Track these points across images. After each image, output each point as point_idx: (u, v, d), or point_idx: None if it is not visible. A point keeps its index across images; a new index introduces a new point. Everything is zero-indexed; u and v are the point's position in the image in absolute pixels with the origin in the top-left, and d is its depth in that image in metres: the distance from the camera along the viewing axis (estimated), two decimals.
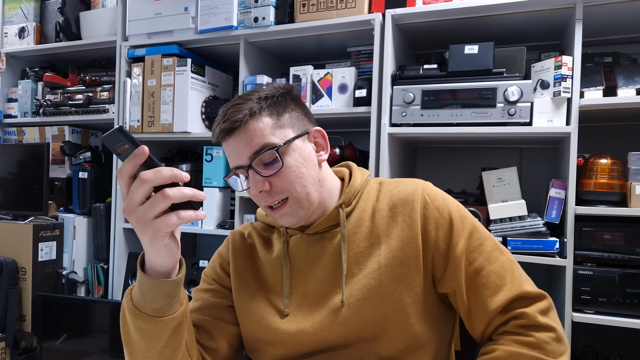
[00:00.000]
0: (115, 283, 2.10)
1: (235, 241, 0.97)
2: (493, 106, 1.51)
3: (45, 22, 2.42)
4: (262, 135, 0.81)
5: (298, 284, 0.89)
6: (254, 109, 0.82)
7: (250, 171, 0.82)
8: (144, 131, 2.03)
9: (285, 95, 0.87)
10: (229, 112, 0.82)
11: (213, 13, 1.88)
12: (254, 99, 0.83)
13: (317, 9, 1.74)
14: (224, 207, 2.01)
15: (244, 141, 0.81)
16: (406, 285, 0.82)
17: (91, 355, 1.95)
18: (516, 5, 1.52)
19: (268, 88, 0.86)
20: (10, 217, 2.25)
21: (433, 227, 0.84)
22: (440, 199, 0.86)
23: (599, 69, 1.53)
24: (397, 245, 0.84)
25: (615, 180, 1.45)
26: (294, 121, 0.86)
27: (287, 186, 0.83)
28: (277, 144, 0.81)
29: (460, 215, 0.85)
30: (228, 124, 0.81)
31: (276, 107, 0.84)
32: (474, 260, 0.82)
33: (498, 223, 1.57)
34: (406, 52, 1.88)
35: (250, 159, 0.81)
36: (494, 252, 0.83)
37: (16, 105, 2.45)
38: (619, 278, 1.40)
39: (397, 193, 0.88)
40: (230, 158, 0.85)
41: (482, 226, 0.86)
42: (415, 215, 0.84)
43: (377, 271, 0.83)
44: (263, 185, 0.82)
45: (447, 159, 2.01)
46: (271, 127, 0.82)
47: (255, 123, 0.81)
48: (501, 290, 0.80)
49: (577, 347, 1.67)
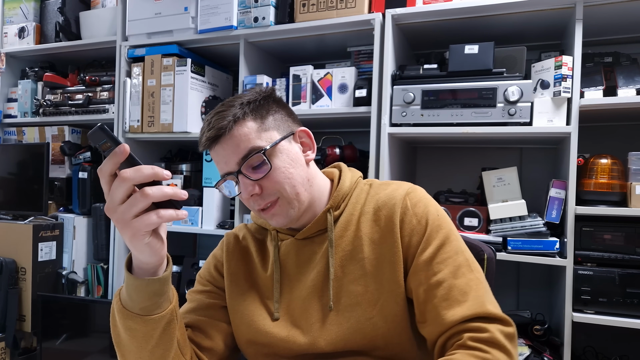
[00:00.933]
0: (115, 283, 2.10)
1: (229, 243, 0.97)
2: (493, 106, 1.51)
3: (45, 22, 2.42)
4: (248, 140, 0.81)
5: (288, 288, 0.89)
6: (238, 115, 0.82)
7: (240, 176, 0.83)
8: (144, 131, 2.03)
9: (267, 99, 0.87)
10: (213, 120, 0.82)
11: (213, 13, 1.88)
12: (237, 105, 0.83)
13: (317, 9, 1.74)
14: (223, 207, 2.01)
15: (231, 147, 0.82)
16: (391, 290, 0.81)
17: (91, 355, 1.94)
18: (516, 5, 1.51)
19: (250, 93, 0.87)
20: (10, 217, 2.25)
21: (408, 233, 0.83)
22: (422, 205, 0.84)
23: (599, 69, 1.53)
24: (380, 250, 0.83)
25: (615, 180, 1.45)
26: (279, 123, 0.86)
27: (277, 187, 0.83)
28: (263, 147, 0.81)
29: (437, 225, 0.82)
30: (213, 132, 0.82)
31: (259, 111, 0.84)
32: (439, 272, 0.79)
33: (498, 223, 1.57)
34: (406, 52, 1.87)
35: (239, 164, 0.82)
36: (462, 268, 0.79)
37: (16, 105, 2.45)
38: (619, 278, 1.40)
39: (384, 196, 0.87)
40: (219, 166, 0.85)
41: (458, 239, 0.84)
42: (395, 219, 0.83)
43: (363, 277, 0.83)
44: (253, 189, 0.82)
45: (447, 159, 2.01)
46: (256, 131, 0.82)
47: (240, 128, 0.82)
48: (460, 305, 0.76)
49: (577, 347, 1.67)
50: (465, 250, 0.83)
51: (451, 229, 0.84)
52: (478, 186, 1.77)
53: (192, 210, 1.98)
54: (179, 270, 2.02)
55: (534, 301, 1.85)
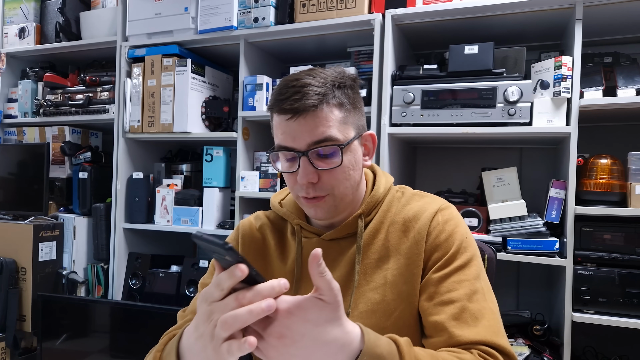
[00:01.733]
0: (115, 283, 2.10)
1: (245, 235, 0.94)
2: (493, 106, 1.51)
3: (45, 22, 2.42)
4: (328, 126, 0.77)
5: (306, 288, 0.86)
6: (329, 97, 0.77)
7: (302, 158, 0.78)
8: (144, 131, 2.03)
9: (357, 91, 0.83)
10: (302, 90, 0.76)
11: (213, 13, 1.88)
12: (329, 84, 0.78)
13: (317, 9, 1.74)
14: (223, 207, 2.01)
15: (309, 126, 0.76)
16: (409, 303, 0.80)
17: (91, 356, 1.94)
18: (516, 6, 1.51)
19: (342, 75, 0.81)
20: (11, 217, 2.25)
21: (432, 247, 0.81)
22: (452, 223, 0.82)
23: (598, 69, 1.53)
24: (405, 262, 0.82)
25: (615, 181, 1.45)
26: (357, 120, 0.83)
27: (333, 184, 0.80)
28: (340, 139, 0.77)
29: (463, 246, 0.80)
30: (299, 104, 0.75)
31: (349, 101, 0.80)
32: (453, 290, 0.76)
33: (498, 223, 1.57)
34: (406, 52, 1.87)
35: (309, 146, 0.77)
36: (478, 294, 0.76)
37: (16, 105, 2.45)
38: (618, 278, 1.40)
39: (415, 208, 0.85)
40: (283, 137, 0.78)
41: (480, 267, 0.81)
42: (423, 232, 0.82)
43: (382, 287, 0.82)
44: (314, 176, 0.78)
45: (447, 159, 2.01)
46: (339, 122, 0.78)
47: (327, 112, 0.77)
48: (470, 328, 0.73)
49: (577, 347, 1.67)
50: (484, 279, 0.80)
51: (476, 254, 0.82)
52: (478, 186, 1.77)
53: (192, 211, 1.98)
54: (179, 271, 2.02)
55: (534, 301, 1.85)
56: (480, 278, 0.79)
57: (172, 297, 1.98)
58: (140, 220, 2.09)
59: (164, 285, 2.01)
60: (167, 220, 2.04)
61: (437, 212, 0.83)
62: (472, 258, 0.80)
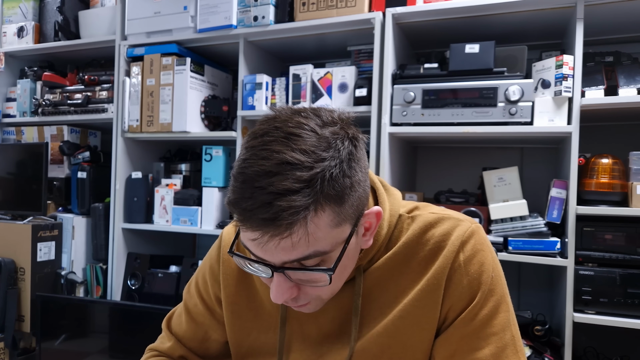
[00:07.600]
0: (114, 283, 2.09)
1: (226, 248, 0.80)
2: (494, 105, 1.50)
3: (44, 21, 2.41)
4: (314, 241, 0.57)
5: (297, 340, 0.76)
6: (316, 203, 0.55)
7: (276, 274, 0.61)
8: (143, 131, 2.02)
9: (355, 158, 0.60)
10: (275, 203, 0.54)
11: (212, 12, 1.88)
12: (316, 181, 0.55)
13: (317, 8, 1.73)
14: (223, 207, 2.00)
15: (286, 245, 0.56)
16: (413, 358, 0.71)
17: (90, 356, 1.94)
18: (517, 4, 1.51)
19: (337, 147, 0.57)
20: (9, 217, 2.24)
21: (453, 296, 0.69)
22: (477, 262, 0.69)
23: (600, 68, 1.52)
24: (414, 308, 0.69)
25: (616, 180, 1.44)
26: (355, 203, 0.60)
27: (319, 293, 0.65)
28: (328, 252, 0.59)
29: (489, 290, 0.68)
30: (271, 227, 0.55)
31: (345, 187, 0.57)
32: (479, 349, 0.67)
33: (499, 223, 1.56)
34: (407, 51, 1.87)
35: (286, 263, 0.59)
36: (508, 349, 0.67)
37: (15, 104, 2.44)
38: (620, 278, 1.39)
39: (432, 244, 0.70)
40: (252, 246, 0.59)
41: (509, 309, 0.70)
42: (442, 276, 0.68)
43: (384, 335, 0.71)
44: (292, 292, 0.63)
45: (447, 159, 2.00)
46: (330, 226, 0.58)
47: (311, 225, 0.56)
48: None
49: (578, 348, 1.67)
50: (513, 324, 0.70)
51: (503, 294, 0.70)
52: (479, 186, 1.76)
53: (191, 210, 1.98)
54: (178, 271, 2.02)
55: (535, 301, 1.85)
56: (509, 325, 0.69)
57: (171, 297, 1.98)
58: (139, 220, 2.08)
59: (163, 286, 2.00)
60: (166, 220, 2.03)
61: (458, 250, 0.69)
62: (499, 302, 0.69)
